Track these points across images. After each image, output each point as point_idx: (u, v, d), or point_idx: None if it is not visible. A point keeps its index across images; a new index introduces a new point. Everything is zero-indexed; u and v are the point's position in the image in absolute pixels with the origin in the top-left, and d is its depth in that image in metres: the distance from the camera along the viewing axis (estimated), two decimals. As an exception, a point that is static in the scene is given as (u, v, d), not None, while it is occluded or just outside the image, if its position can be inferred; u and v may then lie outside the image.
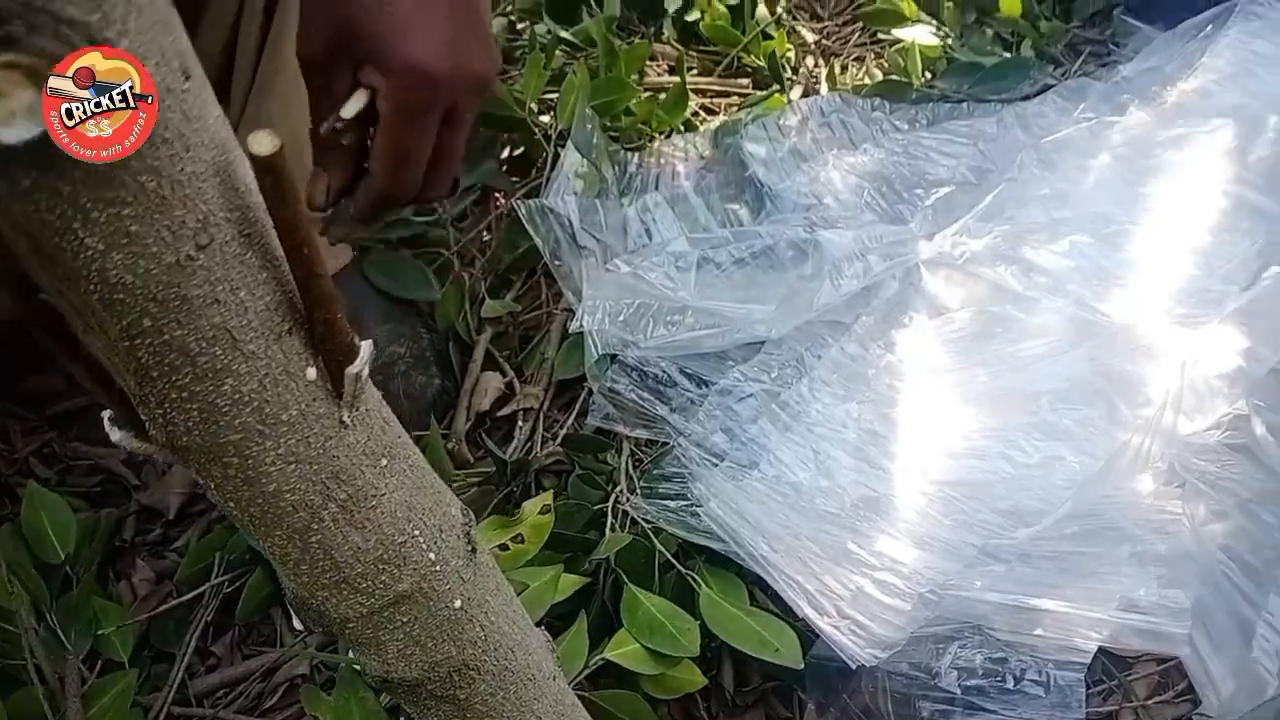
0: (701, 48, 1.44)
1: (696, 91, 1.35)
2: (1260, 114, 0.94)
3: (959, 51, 1.29)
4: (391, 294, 0.92)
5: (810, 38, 1.39)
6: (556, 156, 1.05)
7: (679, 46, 1.45)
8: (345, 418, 0.36)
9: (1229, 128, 0.92)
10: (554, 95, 1.21)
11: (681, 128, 1.22)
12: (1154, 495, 0.68)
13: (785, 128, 1.05)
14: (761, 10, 1.42)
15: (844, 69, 1.37)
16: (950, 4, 1.37)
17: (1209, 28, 1.05)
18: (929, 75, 1.29)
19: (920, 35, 1.30)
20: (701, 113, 1.28)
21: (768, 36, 1.38)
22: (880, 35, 1.37)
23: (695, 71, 1.42)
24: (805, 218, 0.94)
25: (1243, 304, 0.78)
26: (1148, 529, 0.67)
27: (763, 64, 1.36)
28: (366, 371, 0.36)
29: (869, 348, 0.85)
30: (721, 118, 1.28)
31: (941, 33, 1.32)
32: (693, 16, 1.45)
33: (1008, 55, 1.27)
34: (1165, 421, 0.69)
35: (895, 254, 0.87)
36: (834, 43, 1.41)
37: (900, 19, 1.31)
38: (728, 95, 1.34)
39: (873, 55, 1.38)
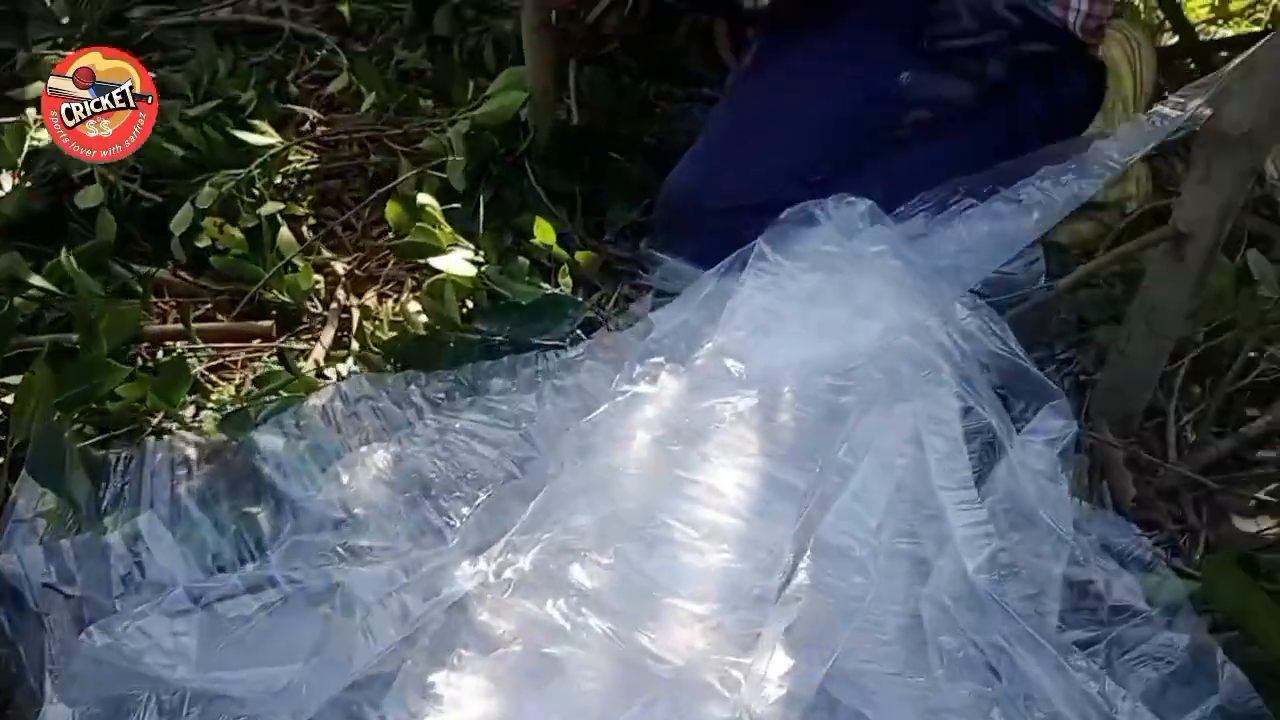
0: (218, 280, 1.27)
1: (209, 340, 1.17)
2: (777, 375, 0.96)
3: (497, 280, 1.24)
4: None
5: (341, 269, 1.27)
6: (12, 487, 0.84)
7: (189, 278, 1.28)
8: None
9: (751, 396, 0.92)
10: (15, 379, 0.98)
11: (188, 398, 1.05)
12: None
13: (306, 419, 0.92)
14: (285, 235, 1.29)
15: (380, 300, 1.27)
16: (486, 232, 1.32)
17: (728, 275, 1.07)
18: (469, 305, 1.23)
19: (457, 264, 1.23)
20: (214, 378, 1.11)
21: (293, 268, 1.25)
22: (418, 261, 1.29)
23: (209, 306, 1.25)
24: (334, 548, 0.81)
25: (785, 612, 0.76)
26: None
27: (288, 299, 1.23)
28: None
29: (414, 705, 0.74)
30: (239, 378, 1.12)
31: (480, 257, 1.27)
32: (203, 243, 1.28)
33: (545, 287, 1.23)
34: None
35: (437, 587, 0.77)
36: (367, 271, 1.30)
37: (435, 249, 1.24)
38: (247, 342, 1.18)
39: (411, 281, 1.29)
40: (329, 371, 1.11)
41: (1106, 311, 1.19)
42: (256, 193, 1.37)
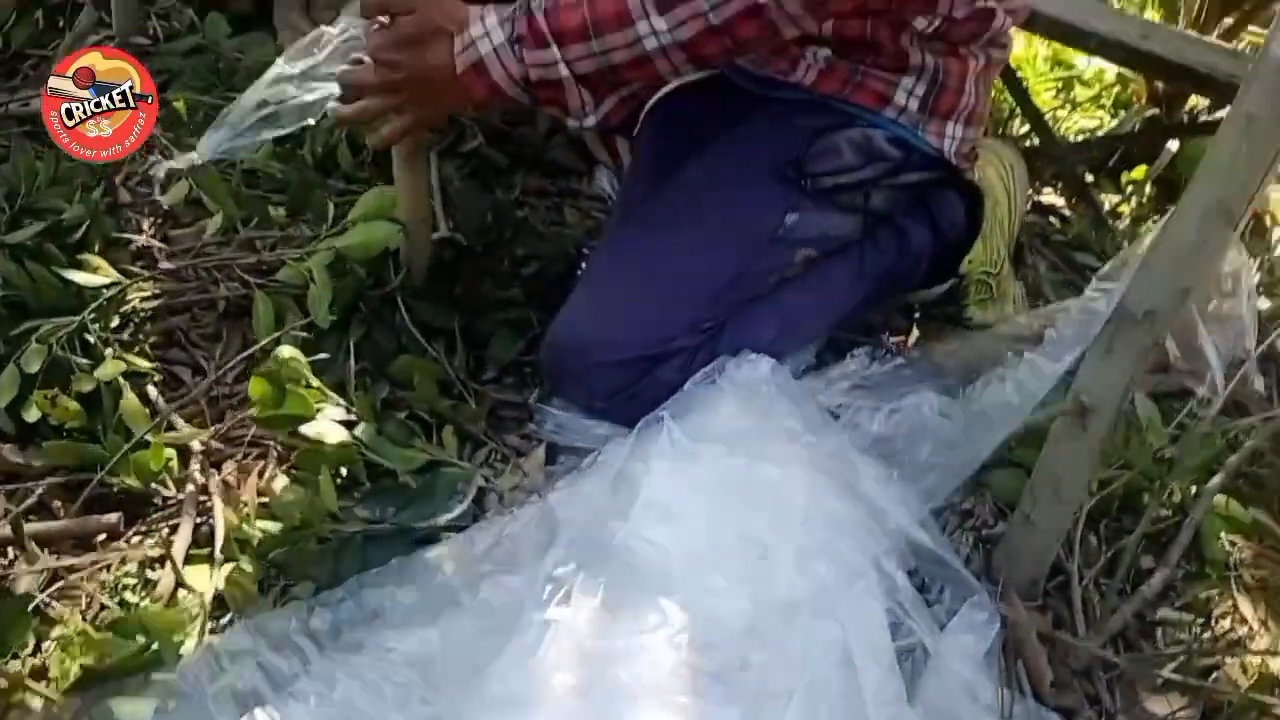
0: (57, 466, 1.11)
1: (46, 543, 1.02)
2: (698, 578, 0.90)
3: (374, 444, 1.13)
4: None
5: (197, 445, 1.13)
6: None
7: (15, 459, 1.11)
8: None
9: (677, 620, 0.86)
10: None
11: (27, 640, 0.90)
12: None
13: (173, 692, 0.80)
14: (130, 405, 1.13)
15: (242, 473, 1.14)
16: (357, 381, 1.21)
17: (633, 455, 1.01)
18: (343, 475, 1.12)
19: (329, 430, 1.12)
20: (54, 602, 0.96)
21: (142, 445, 1.10)
22: (284, 425, 1.16)
23: (41, 491, 1.08)
24: None
25: None
26: None
27: (138, 484, 1.08)
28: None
29: None
30: (85, 595, 0.97)
31: (353, 414, 1.16)
32: (32, 415, 1.12)
33: (427, 450, 1.13)
34: None
35: None
36: (224, 432, 1.16)
37: (303, 418, 1.12)
38: (91, 547, 1.03)
39: (277, 449, 1.16)
40: (192, 580, 0.98)
41: (1000, 453, 1.18)
42: (91, 340, 1.21)
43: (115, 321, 1.27)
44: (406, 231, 1.28)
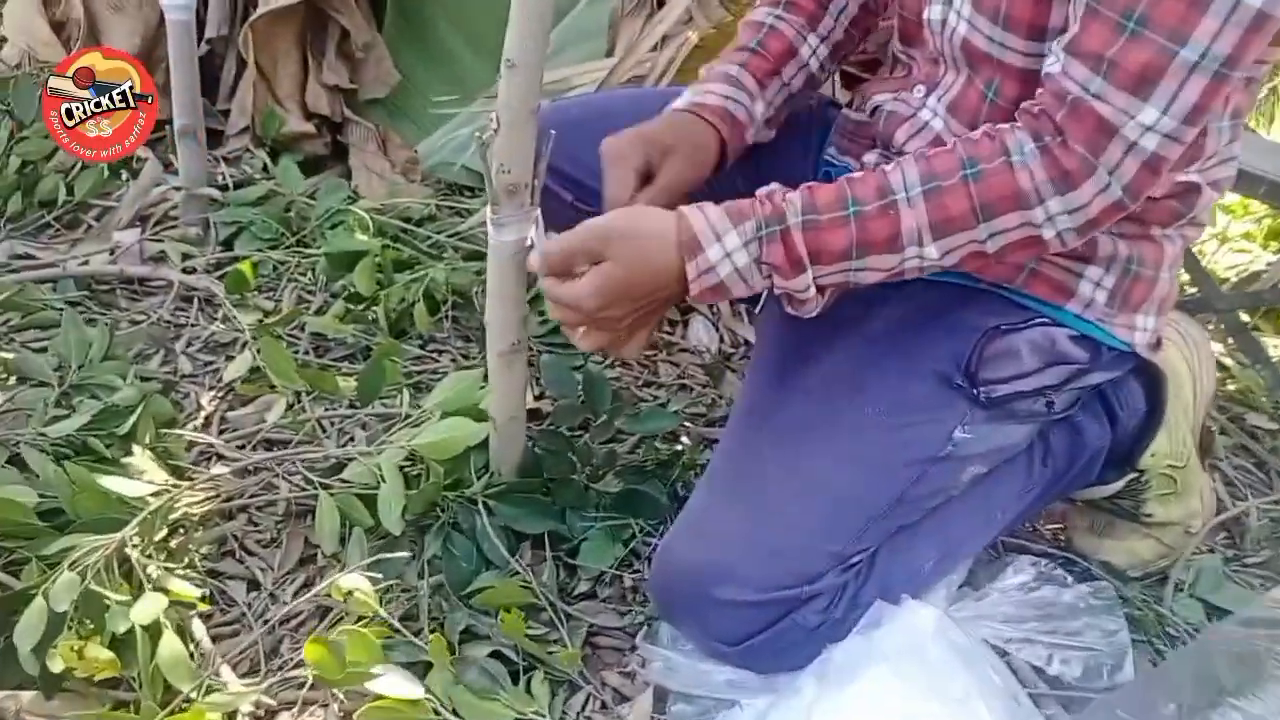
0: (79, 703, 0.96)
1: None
2: None
3: (453, 696, 0.96)
4: None
5: (247, 707, 0.96)
6: None
7: (47, 715, 0.96)
8: None
9: None
10: None
11: None
12: None
13: None
14: (173, 653, 0.97)
15: (284, 730, 0.97)
16: (434, 627, 1.04)
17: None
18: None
19: (397, 683, 0.95)
20: None
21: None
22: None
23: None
24: None
25: None
26: None
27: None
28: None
29: None
30: None
31: (425, 654, 0.99)
32: (58, 665, 0.97)
33: (516, 708, 0.96)
34: None
35: None
36: (282, 685, 1.00)
37: (365, 670, 0.94)
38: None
39: (340, 702, 0.99)
40: None
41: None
42: (133, 557, 1.06)
43: (162, 533, 1.12)
44: (497, 429, 1.11)
